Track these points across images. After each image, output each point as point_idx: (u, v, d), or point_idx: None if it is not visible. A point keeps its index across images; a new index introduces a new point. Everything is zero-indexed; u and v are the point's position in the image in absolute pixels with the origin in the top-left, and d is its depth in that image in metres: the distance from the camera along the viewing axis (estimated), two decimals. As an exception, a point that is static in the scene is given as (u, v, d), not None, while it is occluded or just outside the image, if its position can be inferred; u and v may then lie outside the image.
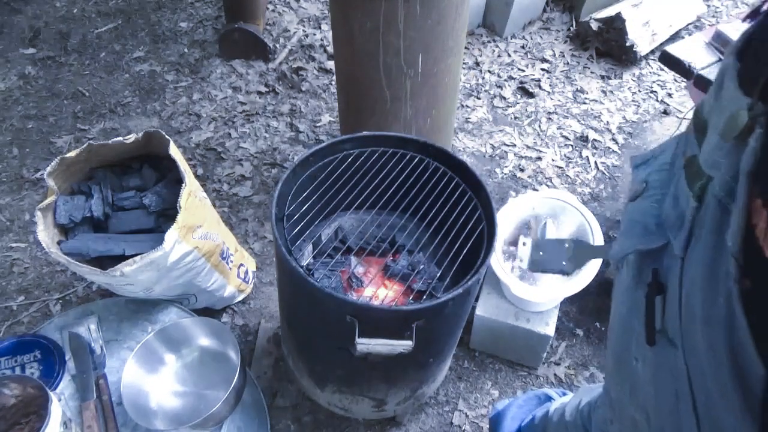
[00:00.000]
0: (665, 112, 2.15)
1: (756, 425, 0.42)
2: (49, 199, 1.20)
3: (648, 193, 0.61)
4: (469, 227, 1.11)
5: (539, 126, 2.08)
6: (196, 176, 1.74)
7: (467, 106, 2.13)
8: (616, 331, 0.67)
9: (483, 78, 2.23)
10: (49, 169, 1.19)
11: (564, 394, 1.25)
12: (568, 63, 2.30)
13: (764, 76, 0.43)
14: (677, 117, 2.12)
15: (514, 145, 2.01)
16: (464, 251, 1.08)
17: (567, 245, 1.09)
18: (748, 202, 0.43)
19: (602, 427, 0.84)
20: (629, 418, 0.68)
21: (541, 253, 1.13)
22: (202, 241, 1.22)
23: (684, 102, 2.19)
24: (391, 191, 1.17)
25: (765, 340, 0.42)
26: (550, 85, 2.21)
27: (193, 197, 1.20)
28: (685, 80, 1.65)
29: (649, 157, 0.65)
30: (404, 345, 0.93)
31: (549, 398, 1.25)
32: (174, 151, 1.22)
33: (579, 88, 2.21)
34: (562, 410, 1.06)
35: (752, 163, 0.42)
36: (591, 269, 1.27)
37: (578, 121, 2.10)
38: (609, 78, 2.25)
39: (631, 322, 0.59)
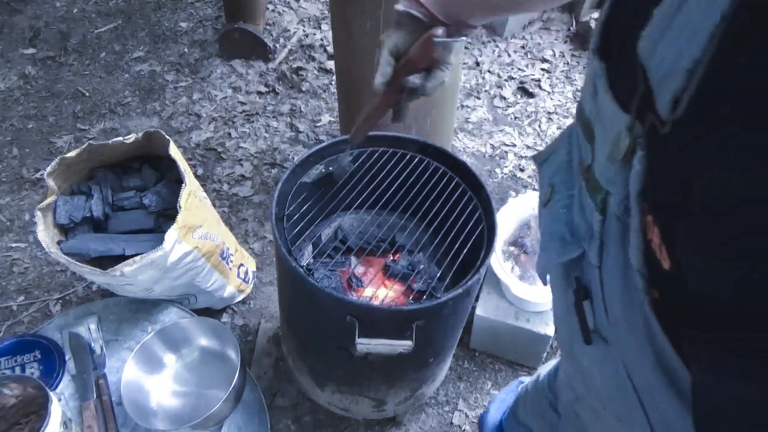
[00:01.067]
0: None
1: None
2: (49, 199, 1.20)
3: (555, 198, 0.62)
4: (469, 227, 1.11)
5: (539, 126, 2.08)
6: (196, 176, 1.74)
7: (467, 106, 2.13)
8: (560, 329, 0.68)
9: (483, 78, 2.23)
10: (49, 169, 1.19)
11: None
12: (568, 63, 2.30)
13: (638, 91, 0.41)
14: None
15: (514, 145, 2.01)
16: (464, 251, 1.08)
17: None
18: (642, 219, 0.44)
19: (569, 405, 0.85)
20: (589, 405, 0.69)
21: None
22: (202, 241, 1.22)
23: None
24: (391, 191, 1.17)
25: (682, 343, 0.43)
26: (550, 85, 2.21)
27: (193, 197, 1.20)
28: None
29: (548, 155, 0.66)
30: (404, 345, 0.93)
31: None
32: (174, 151, 1.22)
33: (579, 88, 2.21)
34: (526, 385, 1.10)
35: (639, 184, 0.43)
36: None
37: (578, 121, 2.10)
38: (609, 78, 2.25)
39: (569, 321, 0.60)
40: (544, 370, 1.08)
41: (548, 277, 0.66)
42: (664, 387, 0.46)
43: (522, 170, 1.94)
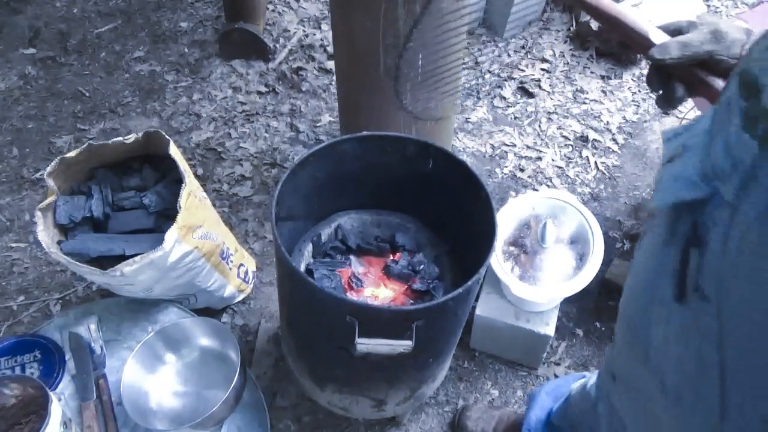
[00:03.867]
0: (665, 113, 2.15)
1: None
2: (49, 199, 1.20)
3: (688, 154, 0.55)
4: (469, 227, 1.11)
5: (539, 126, 2.08)
6: (196, 176, 1.74)
7: (467, 106, 2.13)
8: (636, 295, 0.64)
9: (483, 78, 2.23)
10: (49, 169, 1.19)
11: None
12: (568, 63, 2.30)
13: None
14: (677, 117, 2.12)
15: (514, 145, 2.01)
16: (464, 251, 1.08)
17: None
18: None
19: (605, 399, 0.84)
20: (639, 390, 0.66)
21: None
22: (202, 241, 1.22)
23: (684, 102, 2.19)
24: (391, 191, 1.18)
25: None
26: (550, 85, 2.21)
27: (193, 197, 1.20)
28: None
29: (682, 130, 0.60)
30: (404, 345, 0.93)
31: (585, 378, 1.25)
32: (174, 151, 1.22)
33: (579, 88, 2.21)
34: (579, 385, 1.08)
35: None
36: (591, 269, 1.27)
37: (578, 121, 2.10)
38: (609, 78, 2.25)
39: (656, 282, 0.57)
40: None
41: (652, 226, 0.61)
42: None
43: (522, 170, 1.94)
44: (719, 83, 0.64)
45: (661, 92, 0.69)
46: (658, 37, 0.67)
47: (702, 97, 0.66)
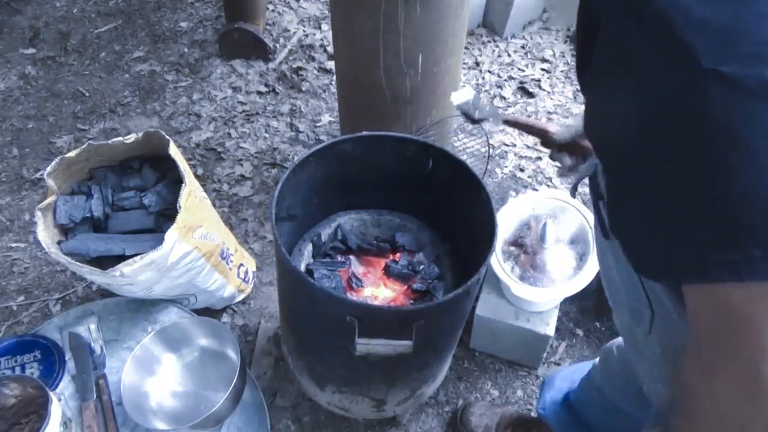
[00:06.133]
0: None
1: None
2: (49, 199, 1.20)
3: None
4: (469, 227, 1.11)
5: (539, 126, 2.08)
6: (196, 176, 1.74)
7: (467, 106, 2.13)
8: (597, 248, 0.84)
9: (483, 78, 2.23)
10: (49, 169, 1.19)
11: None
12: (568, 63, 2.30)
13: None
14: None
15: (514, 145, 2.01)
16: (464, 251, 1.08)
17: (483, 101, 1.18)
18: None
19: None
20: (627, 330, 0.81)
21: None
22: (202, 241, 1.22)
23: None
24: (391, 191, 1.18)
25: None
26: (550, 85, 2.21)
27: (193, 197, 1.20)
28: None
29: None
30: (404, 345, 0.93)
31: None
32: (174, 151, 1.22)
33: (579, 88, 2.21)
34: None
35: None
36: (591, 269, 1.27)
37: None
38: (609, 78, 2.25)
39: (596, 232, 0.77)
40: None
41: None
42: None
43: (522, 170, 1.94)
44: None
45: (559, 165, 0.99)
46: (553, 128, 0.97)
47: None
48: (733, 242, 0.42)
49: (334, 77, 1.87)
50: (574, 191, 0.94)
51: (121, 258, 1.12)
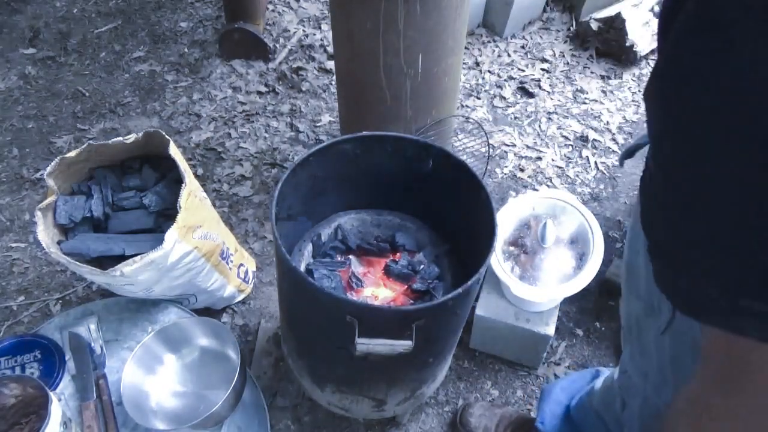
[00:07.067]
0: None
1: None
2: (49, 199, 1.20)
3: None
4: (469, 227, 1.11)
5: (539, 126, 2.08)
6: (196, 176, 1.74)
7: (467, 106, 2.13)
8: (629, 240, 0.79)
9: (483, 78, 2.23)
10: (49, 169, 1.19)
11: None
12: (568, 63, 2.30)
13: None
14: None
15: (514, 145, 2.01)
16: (464, 251, 1.08)
17: None
18: None
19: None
20: (637, 327, 0.78)
21: None
22: (202, 241, 1.22)
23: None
24: (391, 191, 1.17)
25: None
26: (550, 85, 2.21)
27: (193, 197, 1.20)
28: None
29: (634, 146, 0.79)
30: (404, 345, 0.93)
31: (599, 374, 1.25)
32: (174, 151, 1.22)
33: (579, 88, 2.21)
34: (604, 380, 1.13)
35: None
36: (591, 269, 1.27)
37: (578, 121, 2.10)
38: (609, 78, 2.25)
39: (635, 226, 0.70)
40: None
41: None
42: None
43: (522, 170, 1.94)
44: None
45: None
46: None
47: None
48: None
49: (334, 77, 1.87)
50: (623, 160, 0.89)
51: (121, 258, 1.12)
